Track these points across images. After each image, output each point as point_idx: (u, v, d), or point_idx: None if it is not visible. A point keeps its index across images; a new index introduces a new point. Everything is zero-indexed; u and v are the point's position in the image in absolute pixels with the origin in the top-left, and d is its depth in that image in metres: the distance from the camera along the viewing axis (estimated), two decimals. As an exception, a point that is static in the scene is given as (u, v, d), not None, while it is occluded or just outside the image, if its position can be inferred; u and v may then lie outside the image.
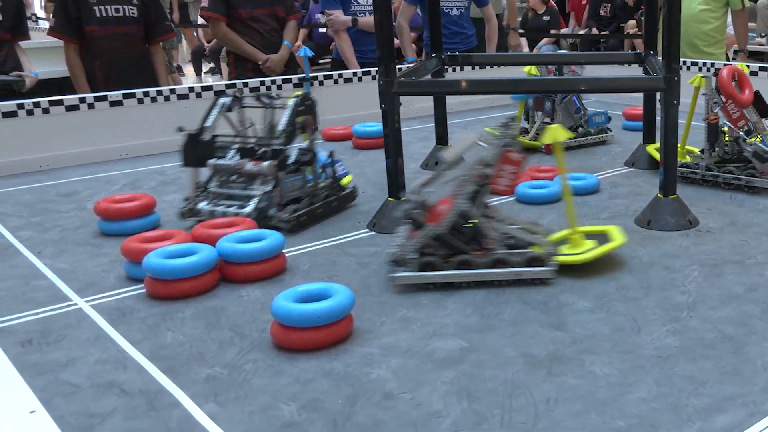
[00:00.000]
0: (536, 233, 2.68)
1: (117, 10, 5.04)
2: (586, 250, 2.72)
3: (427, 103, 5.19)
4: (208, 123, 3.40)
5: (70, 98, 4.69)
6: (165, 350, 2.19)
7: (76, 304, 2.55)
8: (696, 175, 3.70)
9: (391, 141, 3.18)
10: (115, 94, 4.77)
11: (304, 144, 3.41)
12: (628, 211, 3.36)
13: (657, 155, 3.82)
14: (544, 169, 3.99)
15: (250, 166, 3.27)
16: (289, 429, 1.78)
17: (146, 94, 4.86)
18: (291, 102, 3.42)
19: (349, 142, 5.02)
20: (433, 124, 4.41)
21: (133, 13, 5.10)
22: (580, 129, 4.80)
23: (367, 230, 3.21)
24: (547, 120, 4.75)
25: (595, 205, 3.47)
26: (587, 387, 1.91)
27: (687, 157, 3.73)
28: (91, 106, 4.69)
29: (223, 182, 3.36)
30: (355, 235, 3.17)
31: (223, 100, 3.48)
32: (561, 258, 2.64)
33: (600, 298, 2.46)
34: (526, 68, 4.75)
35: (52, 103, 4.61)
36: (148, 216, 3.28)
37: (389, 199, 3.24)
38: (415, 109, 5.81)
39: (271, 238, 2.73)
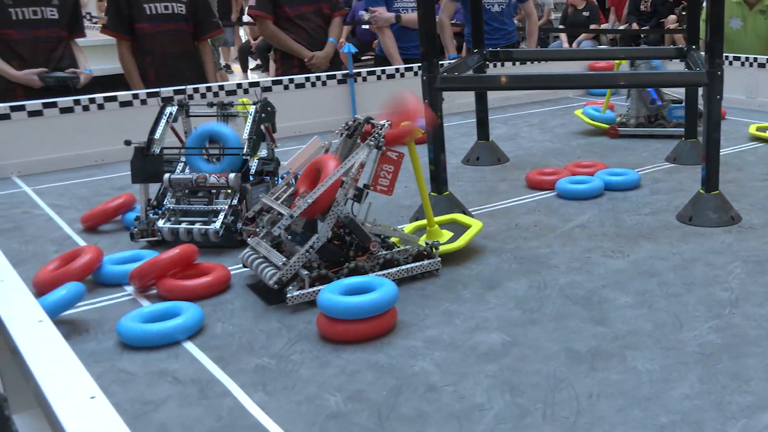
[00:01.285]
0: (397, 230, 2.73)
1: (166, 8, 5.14)
2: (451, 239, 2.83)
3: (468, 98, 5.22)
4: (156, 135, 3.14)
5: (123, 94, 4.82)
6: (215, 340, 2.26)
7: (130, 295, 2.63)
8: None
9: (434, 136, 3.21)
10: (166, 91, 4.87)
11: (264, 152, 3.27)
12: (669, 206, 3.36)
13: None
14: (584, 164, 3.99)
15: (213, 179, 3.07)
16: (335, 419, 1.83)
17: (196, 90, 4.95)
18: (251, 109, 3.23)
19: (391, 138, 5.05)
20: (474, 120, 4.43)
21: (181, 11, 5.20)
22: (658, 119, 4.90)
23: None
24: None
25: (636, 201, 3.47)
26: (630, 383, 1.93)
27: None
28: (143, 102, 4.80)
29: (180, 198, 3.13)
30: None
31: (169, 109, 3.24)
32: (441, 248, 2.72)
33: (642, 294, 2.47)
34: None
35: (106, 99, 4.73)
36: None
37: (432, 193, 3.28)
38: (457, 104, 5.83)
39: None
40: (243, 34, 14.72)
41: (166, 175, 3.13)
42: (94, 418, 1.16)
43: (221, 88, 5.11)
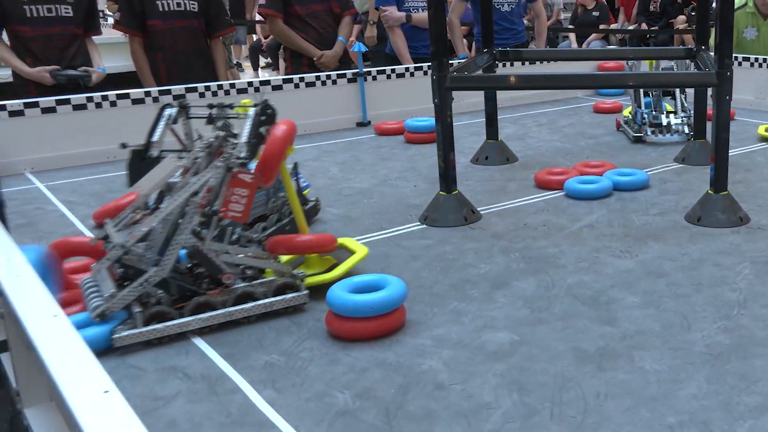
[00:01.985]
0: (269, 259, 2.48)
1: (179, 5, 5.16)
2: (331, 267, 2.62)
3: (477, 98, 5.23)
4: (155, 138, 3.05)
5: (135, 92, 4.84)
6: (225, 337, 2.28)
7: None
8: None
9: (443, 135, 3.22)
10: (178, 88, 4.89)
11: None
12: (677, 207, 3.36)
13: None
14: (593, 164, 4.00)
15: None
16: (344, 416, 1.85)
17: (207, 88, 4.98)
18: (251, 111, 3.21)
19: (401, 137, 5.08)
20: (483, 119, 4.44)
21: (194, 8, 5.21)
22: None
23: (419, 223, 3.27)
24: None
25: (645, 201, 3.47)
26: (637, 382, 1.94)
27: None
28: (155, 99, 4.82)
29: None
30: (408, 228, 3.22)
31: (168, 111, 3.12)
32: (309, 280, 2.49)
33: (650, 294, 2.48)
34: None
35: (119, 96, 4.76)
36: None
37: (441, 192, 3.29)
38: (466, 104, 5.83)
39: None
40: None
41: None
42: (107, 412, 1.18)
43: (232, 86, 5.13)
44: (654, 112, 4.86)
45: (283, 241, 2.58)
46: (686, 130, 4.72)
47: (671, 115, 4.85)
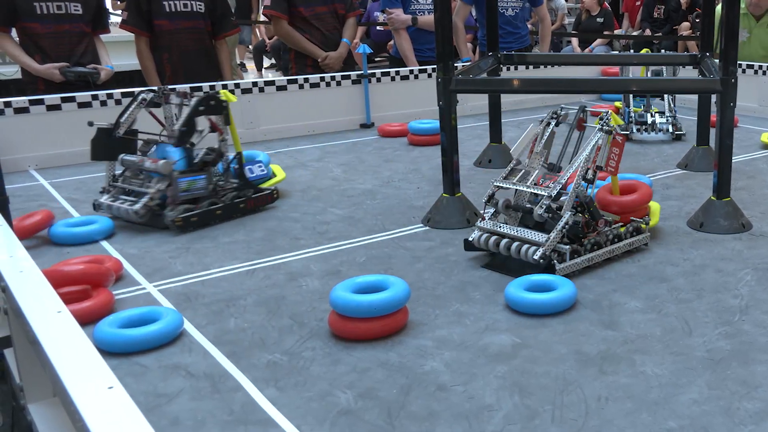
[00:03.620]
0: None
1: (185, 5, 5.18)
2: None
3: (481, 101, 5.23)
4: (123, 118, 3.47)
5: (141, 90, 4.83)
6: (228, 335, 2.28)
7: (144, 288, 2.66)
8: None
9: (447, 138, 3.23)
10: (182, 88, 4.90)
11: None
12: (680, 213, 3.37)
13: None
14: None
15: (148, 163, 3.30)
16: (346, 416, 1.85)
17: (212, 88, 4.99)
18: (193, 101, 3.35)
19: (405, 139, 5.09)
20: (487, 122, 4.45)
21: (200, 9, 5.23)
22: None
23: (422, 225, 3.27)
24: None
25: (649, 207, 3.48)
26: (638, 386, 1.95)
27: None
28: (160, 98, 4.83)
29: (128, 178, 3.41)
30: (411, 229, 3.23)
31: (143, 95, 3.49)
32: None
33: (652, 299, 2.48)
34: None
35: (124, 94, 4.77)
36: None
37: (444, 195, 3.30)
38: (470, 107, 5.84)
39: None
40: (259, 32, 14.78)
41: (121, 155, 3.41)
42: (112, 408, 1.18)
43: (237, 86, 5.14)
44: (641, 111, 5.07)
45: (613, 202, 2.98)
46: (670, 129, 4.99)
47: (657, 115, 5.06)
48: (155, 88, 3.47)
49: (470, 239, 2.81)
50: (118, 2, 13.29)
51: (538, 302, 2.37)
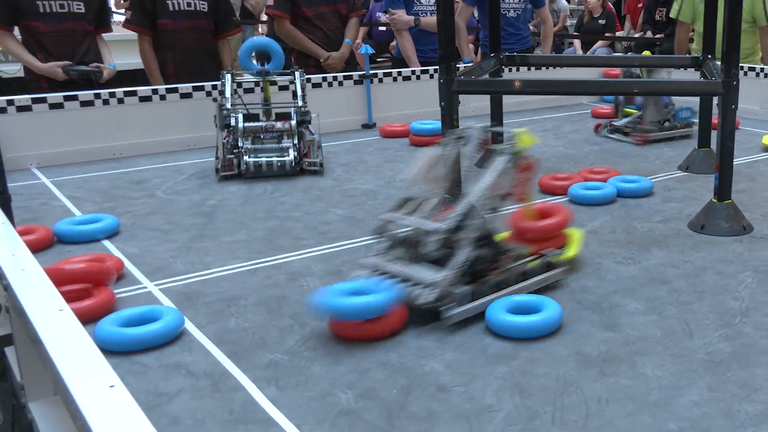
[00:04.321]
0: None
1: (189, 5, 5.19)
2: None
3: (483, 102, 5.22)
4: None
5: (143, 89, 4.86)
6: (229, 335, 2.29)
7: (145, 288, 2.66)
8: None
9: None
10: (185, 87, 4.91)
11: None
12: (681, 215, 3.37)
13: None
14: (597, 170, 4.01)
15: (279, 125, 4.18)
16: (346, 416, 1.85)
17: (215, 87, 5.00)
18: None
19: (407, 139, 5.10)
20: (489, 124, 4.44)
21: (203, 8, 5.24)
22: (667, 123, 5.03)
23: (422, 226, 3.26)
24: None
25: (649, 209, 3.48)
26: (639, 388, 1.95)
27: None
28: (162, 97, 4.84)
29: (254, 140, 4.17)
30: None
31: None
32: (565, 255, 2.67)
33: (652, 300, 2.48)
34: None
35: (126, 93, 4.78)
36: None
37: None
38: (471, 107, 5.83)
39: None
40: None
41: (241, 124, 4.14)
42: (113, 407, 1.19)
43: (239, 85, 5.13)
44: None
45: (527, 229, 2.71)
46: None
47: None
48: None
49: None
50: (122, 1, 13.30)
51: (520, 326, 2.22)
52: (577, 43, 11.98)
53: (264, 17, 10.87)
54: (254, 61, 4.51)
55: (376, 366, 2.09)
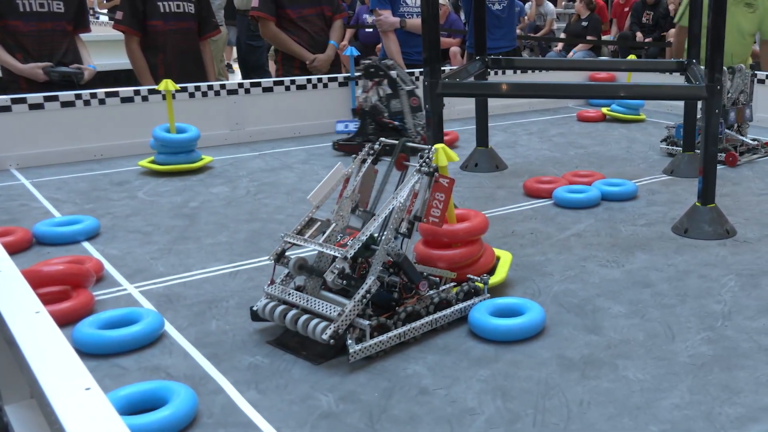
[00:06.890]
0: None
1: (178, 6, 5.19)
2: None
3: (468, 105, 5.24)
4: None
5: (125, 90, 4.82)
6: (209, 337, 2.27)
7: (125, 290, 2.64)
8: None
9: (433, 141, 3.22)
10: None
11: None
12: (665, 218, 3.37)
13: None
14: (582, 174, 4.01)
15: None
16: (327, 419, 1.84)
17: (197, 88, 4.97)
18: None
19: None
20: (474, 126, 4.45)
21: (190, 10, 5.25)
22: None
23: (406, 229, 3.25)
24: None
25: (633, 212, 3.49)
26: (621, 391, 1.94)
27: None
28: (145, 98, 4.81)
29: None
30: (395, 233, 3.21)
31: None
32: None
33: (635, 304, 2.48)
34: None
35: (108, 94, 4.74)
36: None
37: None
38: (457, 110, 5.85)
39: None
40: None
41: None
42: (89, 409, 1.17)
43: (222, 86, 5.12)
44: None
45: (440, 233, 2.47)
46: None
47: None
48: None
49: (255, 308, 2.28)
50: (105, 2, 13.24)
51: (503, 329, 2.21)
52: (560, 45, 12.04)
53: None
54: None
55: (358, 369, 2.07)
